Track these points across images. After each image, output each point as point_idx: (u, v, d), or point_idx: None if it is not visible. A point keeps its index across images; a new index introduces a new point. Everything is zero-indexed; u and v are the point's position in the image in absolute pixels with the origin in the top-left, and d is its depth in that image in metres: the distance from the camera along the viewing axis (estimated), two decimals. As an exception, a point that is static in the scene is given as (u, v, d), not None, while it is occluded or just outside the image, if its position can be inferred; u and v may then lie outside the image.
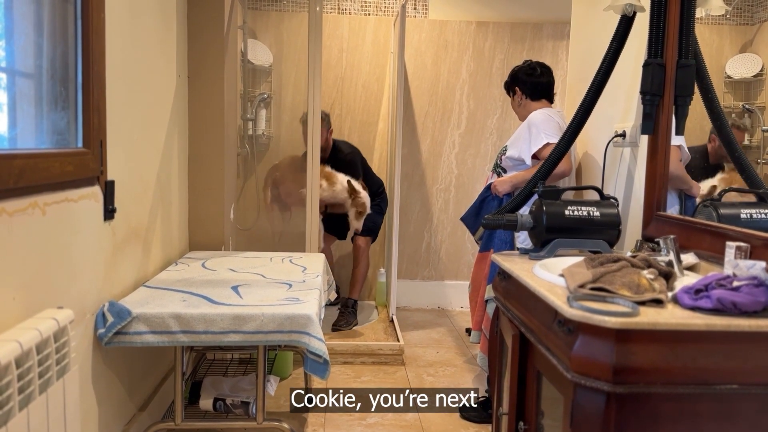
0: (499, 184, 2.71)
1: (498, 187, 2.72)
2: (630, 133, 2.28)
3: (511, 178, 2.67)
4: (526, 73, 2.83)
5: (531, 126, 2.64)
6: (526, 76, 2.82)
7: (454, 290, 4.58)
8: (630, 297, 1.38)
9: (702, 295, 1.37)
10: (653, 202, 2.02)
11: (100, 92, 1.82)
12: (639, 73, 2.04)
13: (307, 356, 1.96)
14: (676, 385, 1.31)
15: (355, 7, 4.39)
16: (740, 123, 1.94)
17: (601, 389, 1.30)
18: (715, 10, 1.99)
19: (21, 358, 1.22)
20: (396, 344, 3.41)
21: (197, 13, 2.89)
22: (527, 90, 2.82)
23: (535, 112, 2.71)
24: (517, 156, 2.67)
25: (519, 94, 2.85)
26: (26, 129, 1.58)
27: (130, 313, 1.86)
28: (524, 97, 2.83)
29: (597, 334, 1.31)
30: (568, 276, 1.52)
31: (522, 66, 2.87)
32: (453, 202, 4.53)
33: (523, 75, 2.83)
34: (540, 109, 2.74)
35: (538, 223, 2.00)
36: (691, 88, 1.94)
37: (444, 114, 4.47)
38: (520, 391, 1.77)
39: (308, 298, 2.09)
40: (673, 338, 1.31)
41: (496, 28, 4.40)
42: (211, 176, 3.00)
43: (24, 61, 1.57)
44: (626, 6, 2.04)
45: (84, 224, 1.77)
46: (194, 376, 2.67)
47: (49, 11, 1.65)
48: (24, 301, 1.42)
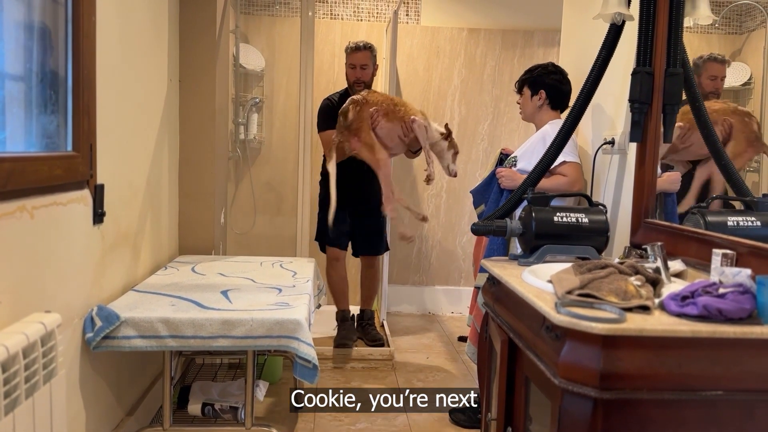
0: (507, 178, 2.59)
1: (505, 180, 2.60)
2: (618, 141, 2.30)
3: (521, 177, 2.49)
4: (557, 80, 2.67)
5: (547, 140, 2.49)
6: (558, 82, 2.67)
7: (444, 296, 4.58)
8: (617, 303, 1.39)
9: (688, 302, 1.38)
10: (641, 209, 2.03)
11: (90, 95, 1.81)
12: (628, 81, 2.06)
13: (297, 361, 1.96)
14: (662, 391, 1.32)
15: (348, 13, 4.40)
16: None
17: (588, 395, 1.31)
18: (702, 20, 2.01)
19: (7, 362, 1.21)
20: (386, 350, 3.41)
21: (189, 17, 2.89)
22: (553, 96, 2.67)
23: (550, 124, 2.61)
24: (530, 168, 2.57)
25: (543, 97, 2.67)
26: (15, 132, 1.58)
27: (119, 317, 1.85)
28: (547, 102, 2.68)
29: (584, 340, 1.32)
30: (556, 282, 1.53)
31: (549, 69, 2.69)
32: (444, 207, 4.54)
33: (553, 80, 2.67)
34: (553, 120, 2.64)
35: (527, 229, 2.00)
36: (679, 97, 1.95)
37: (435, 120, 4.44)
38: (509, 396, 1.77)
39: (298, 303, 2.09)
40: (659, 344, 1.32)
41: (488, 35, 4.43)
42: (202, 180, 2.99)
43: (13, 63, 1.56)
44: (615, 15, 2.06)
45: (73, 228, 1.76)
46: (183, 380, 2.66)
47: (39, 14, 1.65)
48: (11, 305, 1.41)
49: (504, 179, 2.63)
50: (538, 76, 2.67)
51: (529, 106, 2.71)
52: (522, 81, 2.73)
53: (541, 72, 2.68)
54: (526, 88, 2.71)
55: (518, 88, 2.75)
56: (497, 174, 2.67)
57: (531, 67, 2.74)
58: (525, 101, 2.73)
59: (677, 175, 2.10)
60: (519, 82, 2.75)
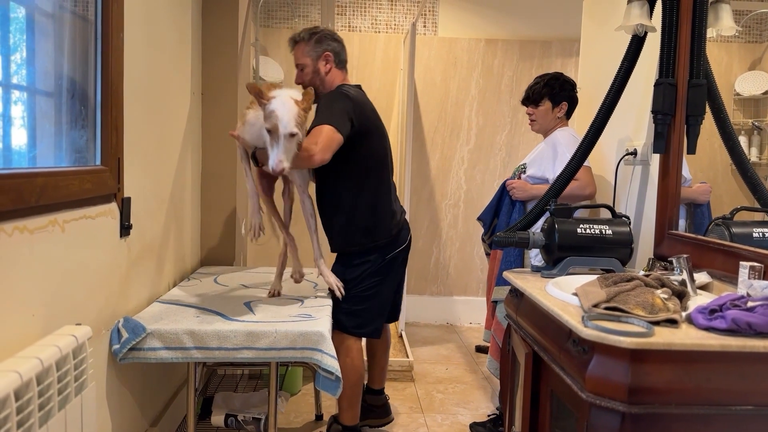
0: (519, 189, 2.63)
1: (516, 191, 2.63)
2: (641, 152, 2.29)
3: (533, 187, 2.60)
4: (574, 90, 2.69)
5: (557, 146, 2.58)
6: (574, 92, 2.69)
7: (462, 306, 4.58)
8: (644, 317, 1.38)
9: (716, 316, 1.37)
10: (665, 220, 2.03)
11: (117, 111, 1.85)
12: (650, 92, 2.05)
13: (319, 373, 1.97)
14: (690, 406, 1.32)
15: (366, 25, 4.43)
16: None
17: (616, 409, 1.31)
18: (725, 31, 2.01)
19: (41, 374, 1.23)
20: (405, 360, 3.41)
21: (212, 32, 2.94)
22: (572, 107, 2.70)
23: (559, 132, 2.65)
24: (539, 175, 2.62)
25: (564, 108, 2.68)
26: (46, 147, 1.61)
27: (145, 329, 1.87)
28: (565, 113, 2.69)
29: (612, 354, 1.31)
30: (582, 295, 1.53)
31: (566, 79, 2.70)
32: (462, 217, 4.54)
33: (572, 90, 2.69)
34: (563, 128, 2.68)
35: (551, 240, 2.00)
36: (703, 108, 1.95)
37: (453, 130, 4.49)
38: (533, 410, 1.77)
39: (320, 315, 2.10)
40: (687, 359, 1.32)
41: (505, 46, 4.43)
42: (224, 192, 3.02)
43: (44, 80, 1.60)
44: (637, 26, 2.06)
45: (101, 241, 1.79)
46: (205, 391, 2.68)
47: (69, 31, 1.68)
48: (43, 318, 1.44)
49: (515, 191, 2.64)
50: (558, 91, 2.67)
51: (549, 117, 2.70)
52: (540, 93, 2.69)
53: (558, 85, 2.67)
54: (546, 100, 2.68)
55: (535, 99, 2.71)
56: (508, 186, 2.68)
57: (545, 79, 2.70)
58: (544, 113, 2.70)
59: (707, 187, 2.09)
60: (536, 93, 2.70)
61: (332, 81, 2.46)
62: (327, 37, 2.44)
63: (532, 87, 2.73)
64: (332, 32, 2.48)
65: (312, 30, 2.45)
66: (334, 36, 2.47)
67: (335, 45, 2.45)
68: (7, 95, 1.44)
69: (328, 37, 2.45)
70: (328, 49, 2.43)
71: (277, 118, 1.91)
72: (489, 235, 2.82)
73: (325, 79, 2.45)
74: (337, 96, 2.35)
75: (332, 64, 2.45)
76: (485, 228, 2.85)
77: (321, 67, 2.44)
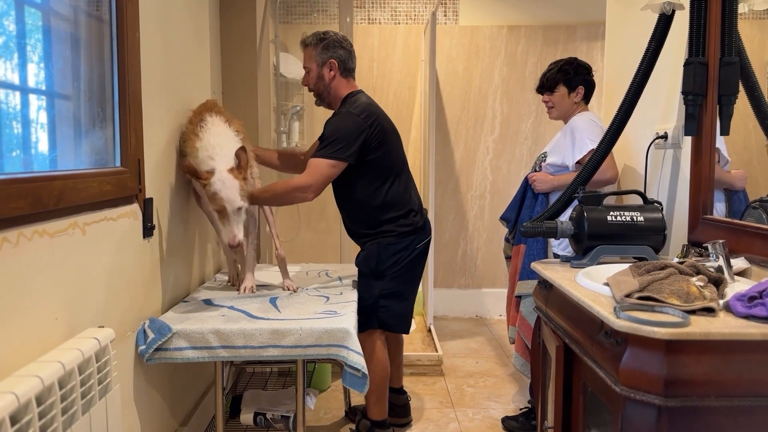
0: (540, 181, 2.60)
1: (538, 183, 2.61)
2: (672, 135, 2.21)
3: (554, 178, 2.57)
4: (589, 73, 2.65)
5: (575, 131, 2.53)
6: (590, 76, 2.65)
7: (491, 298, 4.52)
8: (680, 306, 1.33)
9: (756, 303, 1.31)
10: (699, 205, 1.95)
11: (136, 111, 1.84)
12: (679, 72, 1.98)
13: (346, 370, 1.95)
14: (730, 398, 1.26)
15: (385, 17, 4.39)
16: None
17: (652, 402, 1.26)
18: (758, 5, 1.92)
19: (64, 378, 1.22)
20: (434, 354, 3.37)
21: (230, 30, 2.93)
22: (589, 91, 2.66)
23: (577, 116, 2.60)
24: (560, 162, 2.58)
25: (581, 93, 2.63)
26: (66, 150, 1.61)
27: (171, 329, 1.87)
28: (582, 97, 2.64)
29: (646, 345, 1.26)
30: (613, 285, 1.47)
31: (580, 63, 2.65)
32: (488, 208, 4.47)
33: (587, 74, 2.64)
34: (582, 112, 2.63)
35: (580, 229, 1.95)
36: (736, 87, 1.87)
37: (477, 120, 4.43)
38: (566, 404, 1.72)
39: (345, 311, 2.08)
40: (726, 349, 1.26)
41: (528, 32, 4.35)
42: (247, 190, 3.01)
43: (62, 83, 1.60)
44: (665, 4, 1.99)
45: (124, 242, 1.79)
46: (234, 389, 2.68)
47: (85, 32, 1.68)
48: (66, 321, 1.44)
49: (537, 183, 2.62)
50: (573, 75, 2.62)
51: (566, 103, 2.65)
52: (554, 79, 2.65)
53: (572, 70, 2.62)
54: (561, 86, 2.63)
55: (550, 86, 2.66)
56: (529, 179, 2.65)
57: (559, 65, 2.66)
58: (561, 99, 2.65)
59: (743, 172, 2.01)
60: (550, 80, 2.66)
61: (337, 89, 2.48)
62: (335, 44, 2.44)
63: (545, 74, 2.69)
64: (342, 39, 2.47)
65: (321, 35, 2.45)
66: (342, 43, 2.46)
67: (342, 53, 2.45)
68: (25, 98, 1.44)
69: (336, 45, 2.44)
70: (333, 56, 2.43)
71: (222, 200, 2.00)
72: (514, 234, 2.77)
73: (330, 86, 2.47)
74: (343, 122, 2.37)
75: (336, 71, 2.45)
76: (509, 227, 2.81)
77: (325, 73, 2.45)
